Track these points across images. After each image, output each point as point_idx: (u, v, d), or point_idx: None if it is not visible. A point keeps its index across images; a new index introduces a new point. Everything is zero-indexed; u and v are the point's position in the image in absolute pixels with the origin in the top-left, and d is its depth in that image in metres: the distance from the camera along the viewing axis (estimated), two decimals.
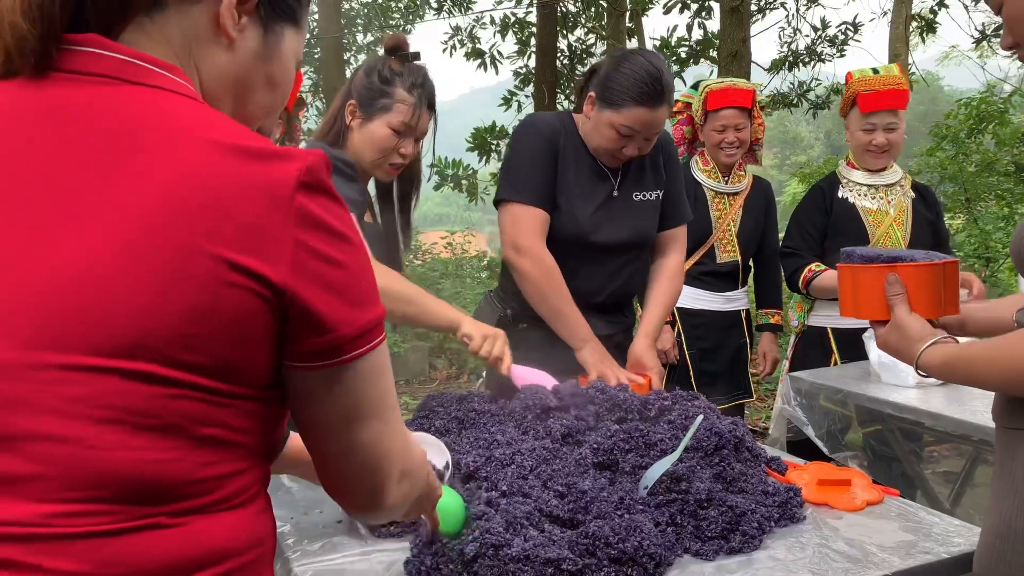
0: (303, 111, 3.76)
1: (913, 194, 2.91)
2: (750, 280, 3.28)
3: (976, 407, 2.08)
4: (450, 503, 1.10)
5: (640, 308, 2.29)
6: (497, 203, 2.11)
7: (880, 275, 1.27)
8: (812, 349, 2.94)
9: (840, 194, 2.90)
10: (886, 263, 1.28)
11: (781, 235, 3.15)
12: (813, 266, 2.83)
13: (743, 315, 3.15)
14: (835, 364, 2.85)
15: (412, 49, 1.99)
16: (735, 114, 2.99)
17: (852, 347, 2.78)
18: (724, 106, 2.99)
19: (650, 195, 2.19)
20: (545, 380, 1.79)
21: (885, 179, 2.89)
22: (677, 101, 3.32)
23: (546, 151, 2.07)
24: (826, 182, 2.99)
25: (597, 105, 2.05)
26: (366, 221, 2.06)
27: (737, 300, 3.12)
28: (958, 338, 1.22)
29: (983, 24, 8.39)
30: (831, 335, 2.89)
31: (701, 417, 1.42)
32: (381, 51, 2.08)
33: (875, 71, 2.83)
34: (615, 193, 2.14)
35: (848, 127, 2.89)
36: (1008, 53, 1.12)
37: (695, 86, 3.19)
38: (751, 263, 3.20)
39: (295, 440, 1.14)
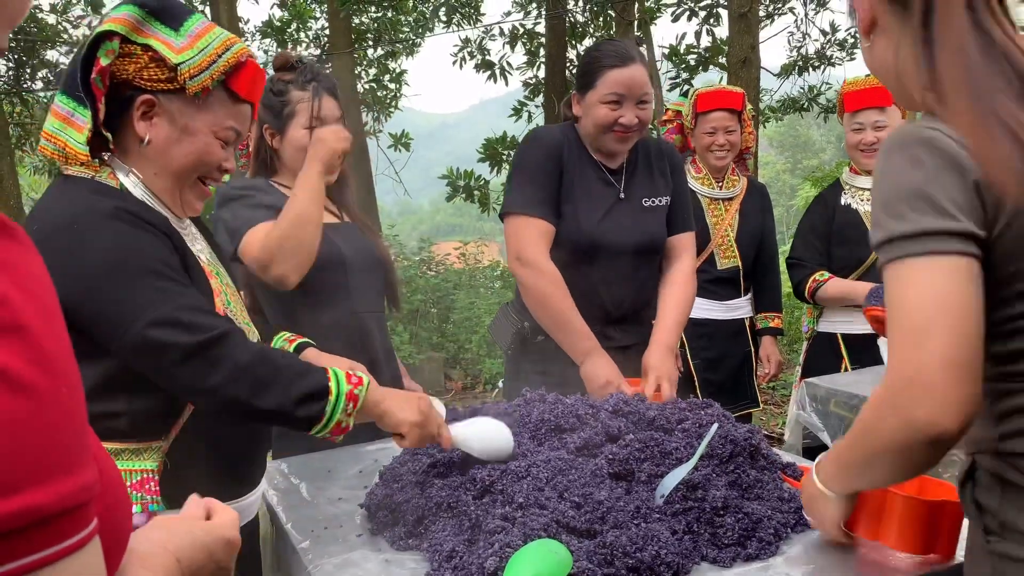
0: None
1: None
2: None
3: None
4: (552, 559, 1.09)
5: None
6: (502, 216, 2.15)
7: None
8: (823, 354, 2.96)
9: (843, 201, 2.92)
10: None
11: (780, 237, 3.18)
12: (817, 276, 2.86)
13: (746, 324, 3.15)
14: (846, 369, 2.86)
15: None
16: (725, 116, 3.01)
17: (862, 351, 2.79)
18: (714, 108, 3.02)
19: (659, 200, 2.21)
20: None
21: None
22: (667, 109, 3.36)
23: (548, 163, 2.10)
24: (829, 191, 3.02)
25: (581, 98, 2.13)
26: (337, 222, 2.12)
27: (740, 308, 3.12)
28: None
29: None
30: (841, 340, 2.90)
31: (716, 425, 1.42)
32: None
33: (867, 75, 2.85)
34: (621, 195, 2.16)
35: (845, 132, 2.92)
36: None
37: (685, 93, 3.23)
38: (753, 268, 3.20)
39: None
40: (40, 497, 0.42)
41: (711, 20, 7.92)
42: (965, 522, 1.16)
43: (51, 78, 8.94)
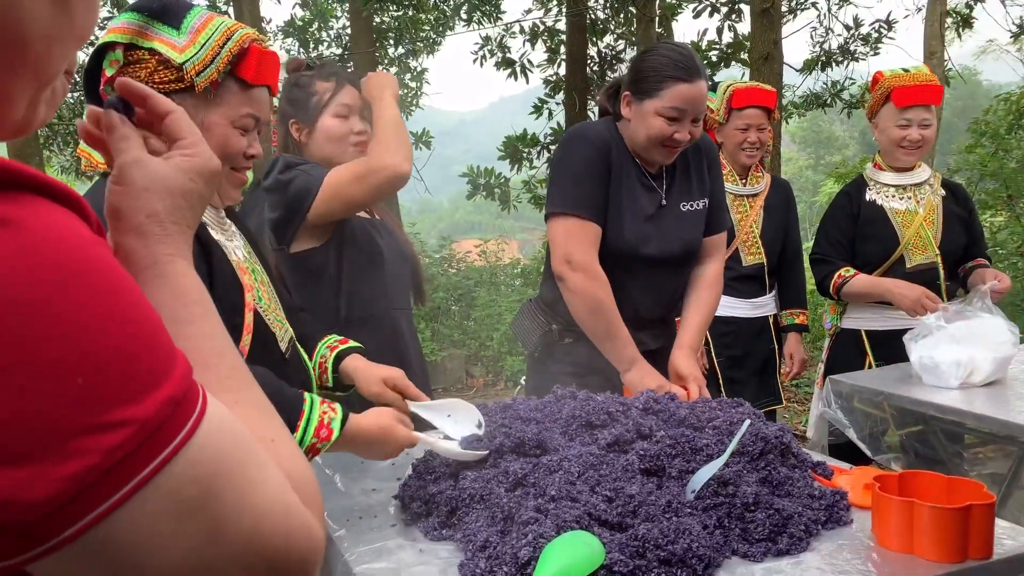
0: None
1: (943, 192, 2.90)
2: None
3: (1022, 408, 2.06)
4: (584, 551, 1.11)
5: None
6: (549, 215, 2.06)
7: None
8: (847, 351, 2.95)
9: (868, 197, 2.91)
10: None
11: (803, 233, 3.15)
12: (843, 271, 2.85)
13: (771, 321, 3.14)
14: (869, 365, 2.85)
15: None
16: (759, 114, 3.00)
17: (886, 348, 2.79)
18: (750, 105, 3.00)
19: (697, 204, 2.15)
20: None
21: (913, 178, 2.88)
22: None
23: (598, 162, 2.03)
24: (853, 186, 3.00)
25: (635, 101, 2.02)
26: (367, 217, 2.15)
27: (765, 306, 3.12)
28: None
29: (1021, 17, 8.25)
30: (865, 337, 2.90)
31: (748, 422, 1.43)
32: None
33: (905, 70, 2.83)
34: (663, 202, 2.10)
35: (878, 126, 2.89)
36: None
37: (713, 88, 3.19)
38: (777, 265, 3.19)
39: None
40: (174, 379, 0.48)
41: (733, 16, 7.89)
42: (999, 521, 1.17)
43: (77, 79, 9.06)
